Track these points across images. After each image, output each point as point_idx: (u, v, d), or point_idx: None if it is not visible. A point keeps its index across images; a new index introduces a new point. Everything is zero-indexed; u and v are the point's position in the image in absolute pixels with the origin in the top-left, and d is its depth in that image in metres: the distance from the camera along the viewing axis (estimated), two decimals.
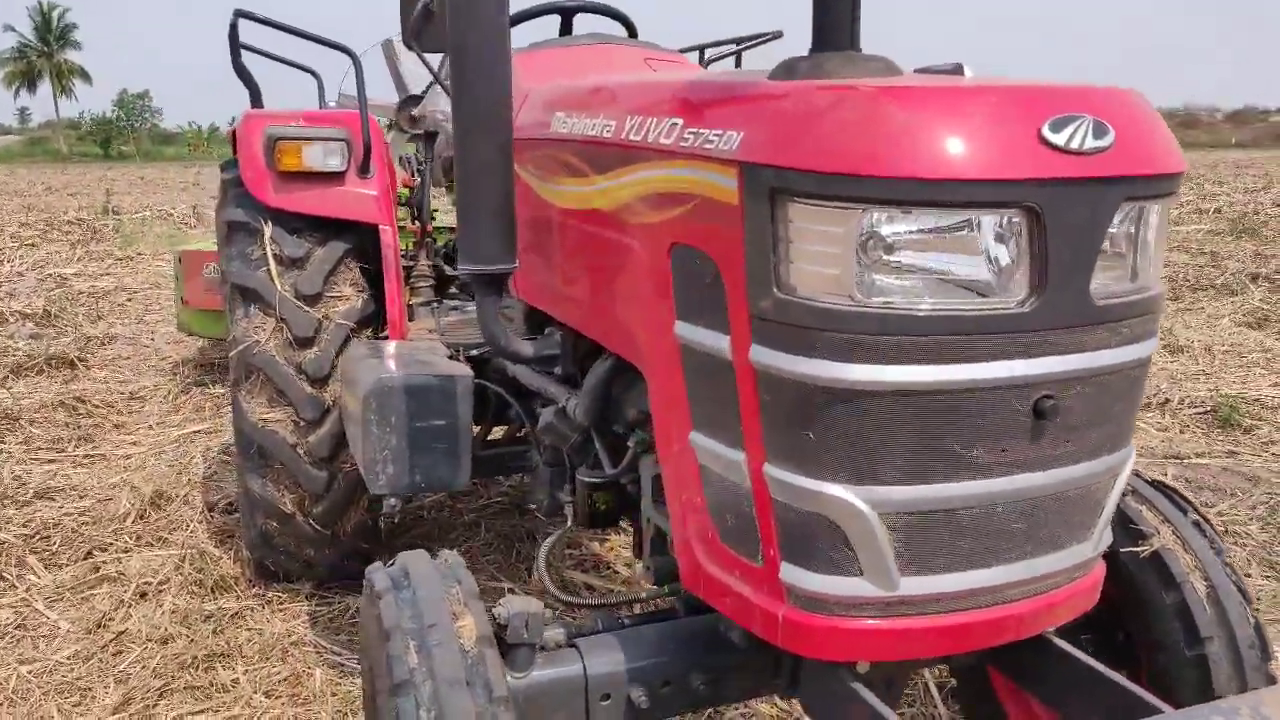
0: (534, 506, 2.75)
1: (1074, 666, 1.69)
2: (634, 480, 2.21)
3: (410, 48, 2.62)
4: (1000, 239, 1.33)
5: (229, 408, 5.92)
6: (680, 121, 1.64)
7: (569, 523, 2.57)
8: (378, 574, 1.77)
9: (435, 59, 4.53)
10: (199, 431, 5.47)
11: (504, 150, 1.80)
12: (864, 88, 1.34)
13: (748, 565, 1.58)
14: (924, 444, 1.38)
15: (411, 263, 3.65)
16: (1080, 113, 1.32)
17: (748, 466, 1.53)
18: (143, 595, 3.44)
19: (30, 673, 3.02)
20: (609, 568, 3.75)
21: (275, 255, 3.12)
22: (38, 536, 4.00)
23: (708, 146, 1.54)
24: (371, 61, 5.65)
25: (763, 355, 1.45)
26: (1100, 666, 1.66)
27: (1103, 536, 1.60)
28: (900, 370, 1.34)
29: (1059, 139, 1.29)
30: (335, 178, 3.19)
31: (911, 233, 1.32)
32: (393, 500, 2.58)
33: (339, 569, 3.48)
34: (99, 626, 3.26)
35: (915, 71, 1.58)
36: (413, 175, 3.73)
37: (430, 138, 3.66)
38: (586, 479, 2.40)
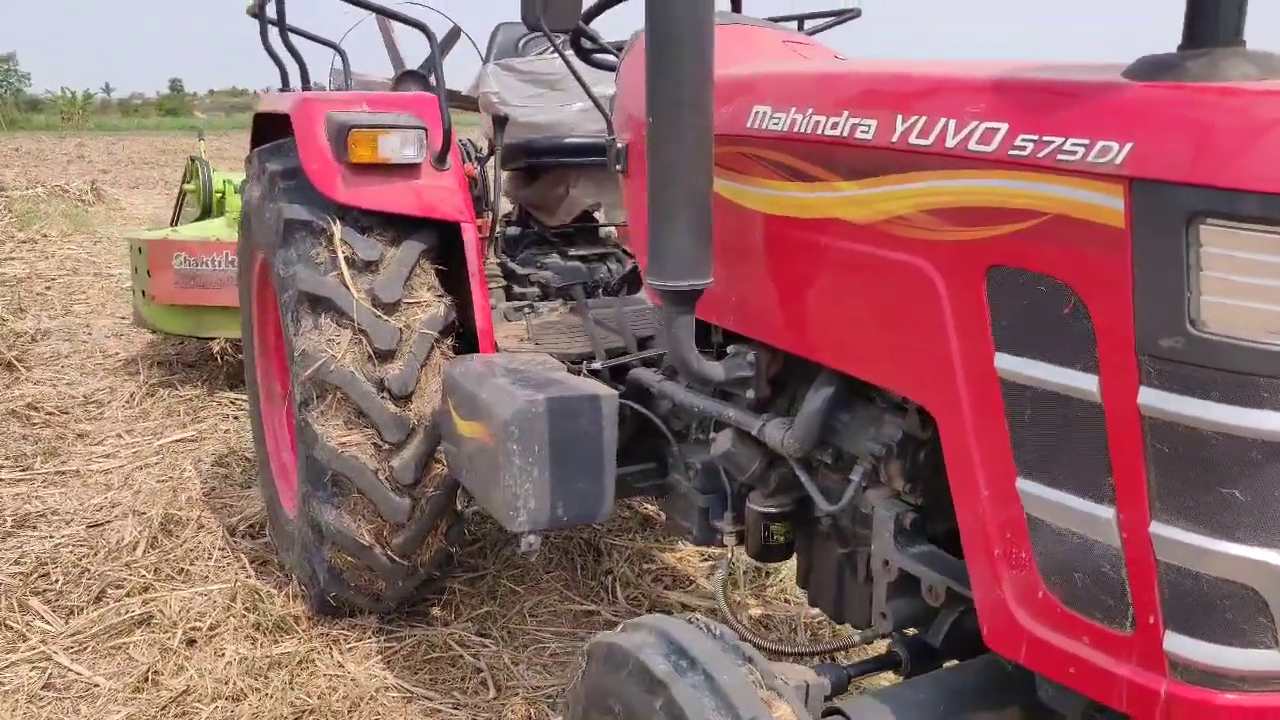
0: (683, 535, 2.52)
1: None
2: (834, 515, 2.01)
3: (536, 27, 2.31)
4: None
5: (208, 411, 5.47)
6: (1005, 126, 1.43)
7: (730, 554, 2.36)
8: (647, 654, 1.51)
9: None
10: (180, 440, 4.99)
11: (705, 144, 1.60)
12: None
13: (1107, 632, 1.40)
14: None
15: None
16: None
17: (1120, 525, 1.34)
18: (191, 642, 3.05)
19: None
20: (690, 582, 3.54)
21: (347, 258, 2.77)
22: (35, 574, 3.53)
23: (1066, 158, 1.33)
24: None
25: (1162, 401, 1.26)
26: None
27: None
28: None
29: None
30: (410, 170, 2.84)
31: None
32: (531, 538, 2.32)
33: (407, 600, 3.18)
34: (147, 682, 2.88)
35: None
36: (474, 164, 3.39)
37: (499, 123, 3.33)
38: (761, 509, 2.19)
